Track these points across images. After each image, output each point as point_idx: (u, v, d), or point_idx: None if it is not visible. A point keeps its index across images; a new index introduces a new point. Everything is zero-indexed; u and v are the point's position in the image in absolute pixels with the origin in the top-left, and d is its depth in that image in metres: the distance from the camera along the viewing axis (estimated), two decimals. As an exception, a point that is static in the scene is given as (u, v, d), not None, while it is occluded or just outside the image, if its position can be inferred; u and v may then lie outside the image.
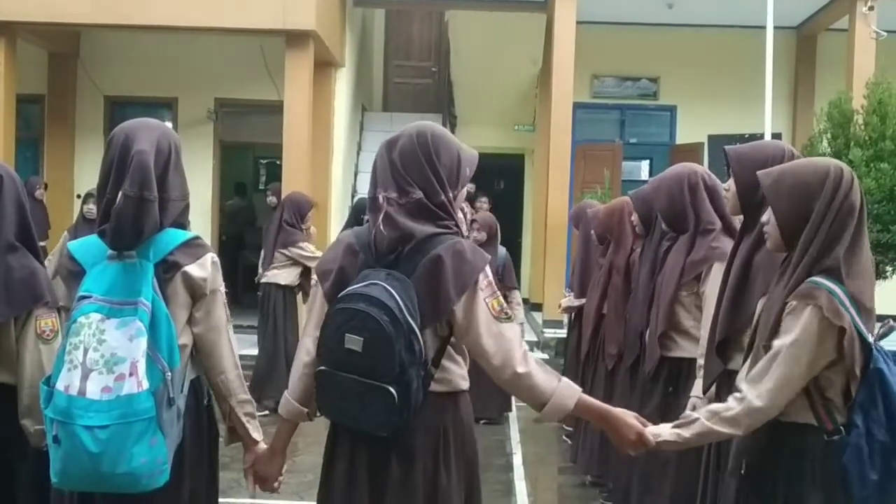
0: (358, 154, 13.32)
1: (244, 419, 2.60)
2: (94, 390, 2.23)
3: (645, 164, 14.39)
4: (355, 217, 7.88)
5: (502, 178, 15.57)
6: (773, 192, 2.42)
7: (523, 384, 2.32)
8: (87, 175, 11.96)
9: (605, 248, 5.48)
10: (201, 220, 11.24)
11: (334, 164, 11.81)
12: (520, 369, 2.31)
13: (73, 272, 2.45)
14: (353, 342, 2.24)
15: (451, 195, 2.40)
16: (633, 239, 4.93)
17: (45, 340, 2.61)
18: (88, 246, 2.47)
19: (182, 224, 2.54)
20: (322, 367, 2.35)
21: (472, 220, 7.20)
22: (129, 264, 2.37)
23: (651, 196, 4.01)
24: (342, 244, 2.48)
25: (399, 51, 15.81)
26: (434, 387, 2.36)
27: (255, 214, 13.58)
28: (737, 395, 2.36)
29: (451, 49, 15.00)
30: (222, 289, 2.55)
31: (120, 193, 2.37)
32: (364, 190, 12.27)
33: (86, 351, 2.25)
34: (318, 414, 2.51)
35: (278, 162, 11.01)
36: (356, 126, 13.38)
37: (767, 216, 2.50)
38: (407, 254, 2.33)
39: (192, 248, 2.49)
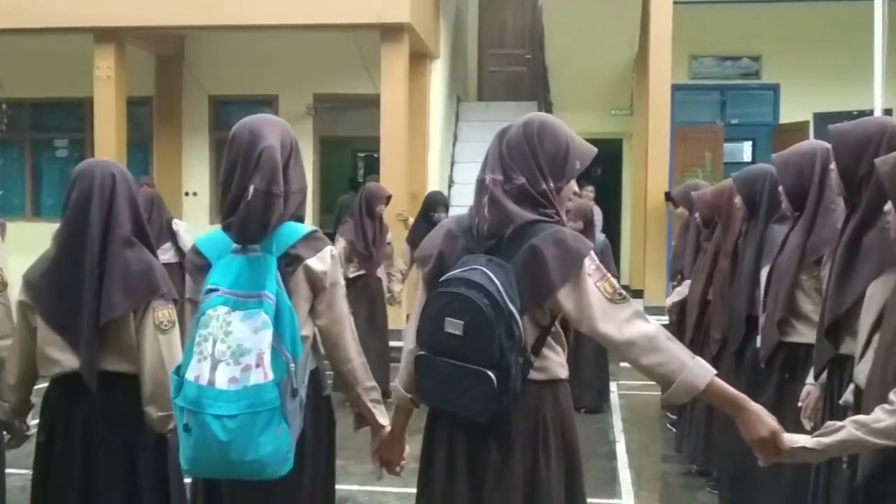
0: (454, 144, 13.37)
1: (370, 405, 2.64)
2: (222, 381, 2.29)
3: (747, 146, 14.03)
4: (424, 211, 7.97)
5: (599, 164, 15.38)
6: (890, 181, 2.32)
7: (652, 360, 2.26)
8: (194, 173, 12.38)
9: (709, 232, 5.37)
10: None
11: (430, 155, 11.89)
12: (645, 346, 2.25)
13: (199, 266, 2.51)
14: (454, 326, 2.25)
15: (552, 185, 2.40)
16: (741, 222, 4.82)
17: (163, 331, 2.73)
18: (214, 240, 2.54)
19: (300, 217, 2.58)
20: (421, 352, 2.37)
21: (566, 210, 7.14)
22: (254, 258, 2.42)
23: (779, 170, 3.86)
24: (442, 229, 2.51)
25: (493, 39, 15.76)
26: (533, 375, 2.36)
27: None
28: (886, 406, 2.20)
29: (545, 35, 14.88)
30: (342, 281, 2.59)
31: (251, 188, 2.42)
32: (460, 180, 12.38)
33: (214, 342, 2.31)
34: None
35: (375, 155, 11.15)
36: (451, 117, 13.43)
37: (889, 206, 2.40)
38: (507, 239, 2.34)
39: (313, 241, 2.53)
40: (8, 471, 3.23)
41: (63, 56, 11.20)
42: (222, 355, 2.30)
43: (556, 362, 2.44)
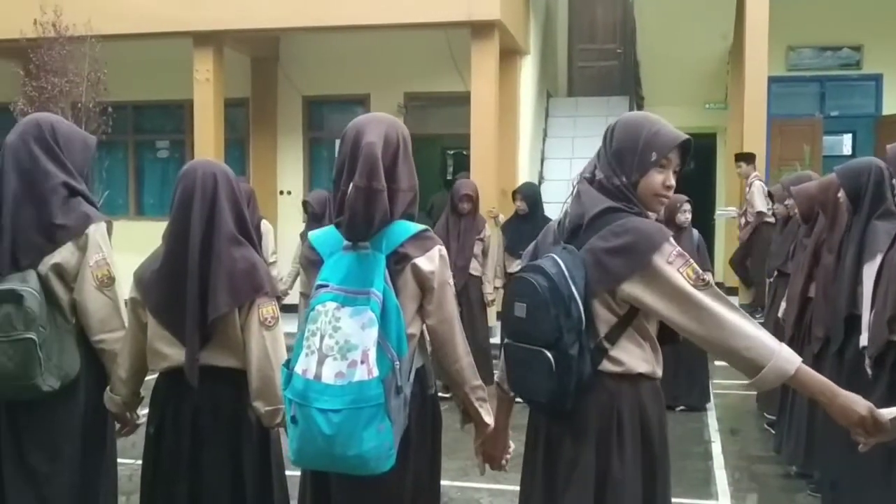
0: (544, 141, 13.32)
1: (477, 404, 2.66)
2: (328, 375, 2.33)
3: (847, 138, 13.57)
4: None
5: (693, 159, 15.07)
6: None
7: (739, 345, 2.22)
8: (289, 172, 12.64)
9: (809, 228, 5.23)
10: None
11: (521, 151, 11.87)
12: (732, 331, 2.23)
13: (313, 261, 2.57)
14: (519, 309, 2.35)
15: (624, 180, 2.40)
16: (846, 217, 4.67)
17: (268, 327, 2.79)
18: (327, 236, 2.59)
19: (411, 215, 2.60)
20: (506, 341, 2.46)
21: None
22: (363, 255, 2.46)
23: (891, 163, 3.71)
24: (550, 227, 2.60)
25: (583, 34, 15.64)
26: (607, 366, 2.35)
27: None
28: None
29: (636, 29, 14.70)
30: (451, 281, 2.60)
31: (350, 185, 2.47)
32: (550, 176, 12.33)
33: (322, 337, 2.36)
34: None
35: (465, 152, 11.18)
36: (542, 113, 13.38)
37: None
38: (585, 229, 2.38)
39: (422, 240, 2.54)
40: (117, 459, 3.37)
41: (164, 60, 11.57)
42: (330, 350, 2.35)
43: (638, 356, 2.40)
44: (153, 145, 13.45)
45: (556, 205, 2.70)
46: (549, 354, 2.26)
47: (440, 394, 2.76)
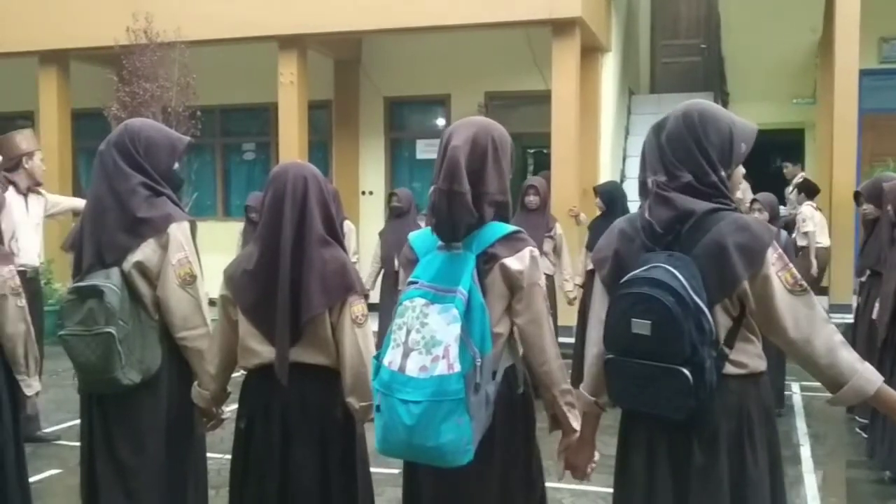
0: (626, 138, 13.18)
1: (565, 408, 2.65)
2: (412, 368, 2.39)
3: (945, 133, 13.06)
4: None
5: (780, 156, 14.75)
6: None
7: (823, 361, 2.22)
8: (371, 173, 12.79)
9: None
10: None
11: (602, 149, 11.77)
12: (819, 344, 2.22)
13: (410, 260, 2.66)
14: (641, 326, 2.24)
15: (722, 174, 2.36)
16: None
17: (359, 325, 2.86)
18: (424, 237, 2.67)
19: (505, 218, 2.62)
20: (610, 356, 2.37)
21: (753, 200, 6.92)
22: (455, 255, 2.52)
23: None
24: (615, 230, 2.51)
25: (666, 30, 15.41)
26: (731, 369, 2.32)
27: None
28: None
29: (721, 23, 14.42)
30: (542, 282, 2.61)
31: (432, 188, 2.54)
32: (632, 174, 12.18)
33: (408, 332, 2.43)
34: (611, 405, 2.54)
35: (545, 151, 11.15)
36: (623, 110, 13.24)
37: None
38: (686, 232, 2.31)
39: (513, 241, 2.56)
40: None
41: (250, 64, 11.85)
42: (416, 344, 2.41)
43: (754, 354, 2.38)
44: (239, 148, 13.76)
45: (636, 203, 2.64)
46: (685, 371, 2.21)
47: None
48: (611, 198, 7.80)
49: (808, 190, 10.02)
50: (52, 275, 9.81)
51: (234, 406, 3.10)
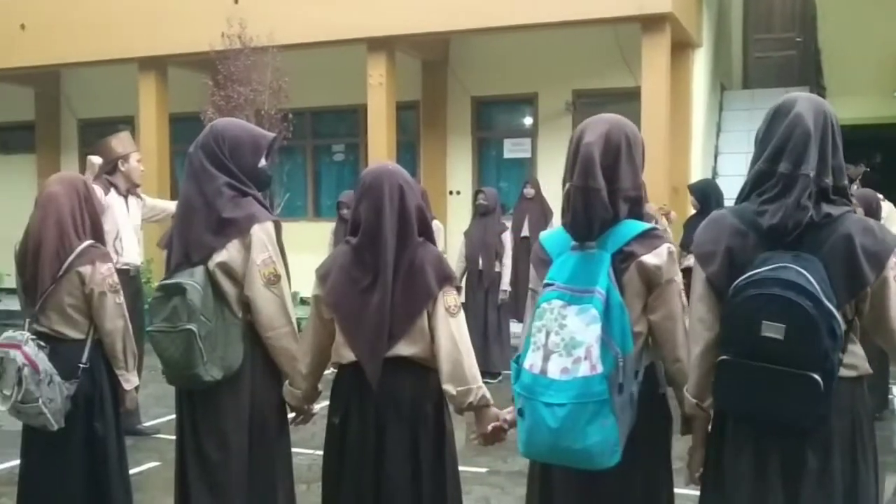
0: (717, 136, 12.91)
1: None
2: (554, 371, 2.38)
3: None
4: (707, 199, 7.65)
5: (880, 151, 14.23)
6: None
7: None
8: (458, 172, 12.83)
9: None
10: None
11: (693, 147, 11.56)
12: None
13: (542, 260, 2.64)
14: (773, 329, 2.16)
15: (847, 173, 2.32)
16: None
17: (452, 314, 2.91)
18: (556, 237, 2.65)
19: (639, 214, 2.60)
20: (726, 357, 2.30)
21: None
22: (589, 254, 2.49)
23: None
24: (723, 225, 2.42)
25: (759, 23, 15.04)
26: (843, 372, 2.27)
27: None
28: None
29: (817, 15, 13.98)
30: (679, 279, 2.57)
31: (567, 185, 2.53)
32: (725, 171, 11.93)
33: (548, 334, 2.42)
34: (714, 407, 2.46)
35: (636, 149, 10.99)
36: (715, 106, 12.97)
37: None
38: (810, 232, 2.26)
39: (649, 238, 2.52)
40: (295, 450, 3.48)
41: (339, 66, 12.01)
42: (556, 347, 2.40)
43: (861, 356, 2.35)
44: (329, 149, 13.96)
45: (732, 202, 2.56)
46: (817, 378, 2.15)
47: None
48: (705, 195, 7.67)
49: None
50: (152, 273, 10.14)
51: (325, 403, 3.15)
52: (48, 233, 3.58)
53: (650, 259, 2.49)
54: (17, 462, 3.83)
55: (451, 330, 2.88)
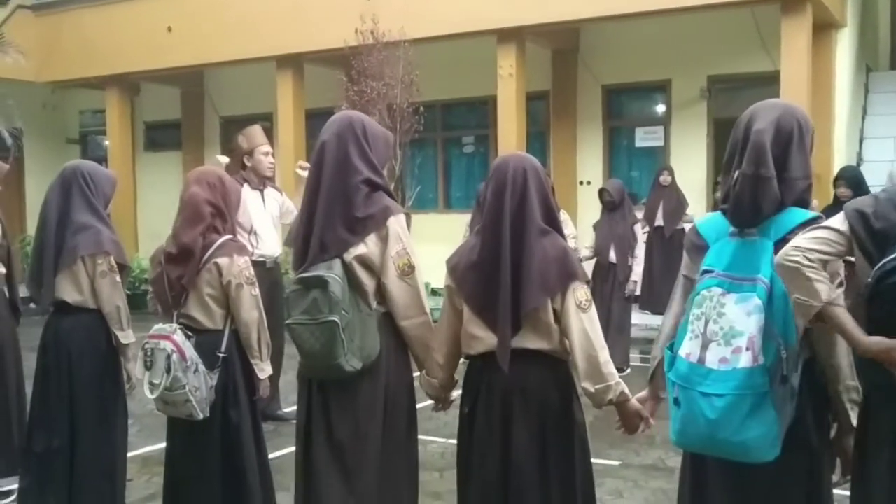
0: (863, 119, 12.30)
1: (848, 405, 2.52)
2: (712, 360, 2.35)
3: None
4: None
5: None
6: None
7: None
8: (588, 162, 12.70)
9: None
10: (696, 200, 11.29)
11: (836, 131, 11.06)
12: None
13: (698, 246, 2.62)
14: None
15: None
16: None
17: (584, 309, 2.88)
18: (713, 222, 2.61)
19: (805, 202, 2.53)
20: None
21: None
22: (750, 241, 2.45)
23: None
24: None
25: (910, 0, 14.22)
26: None
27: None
28: None
29: (975, -11, 13.14)
30: (841, 271, 2.47)
31: (737, 172, 2.48)
32: (871, 157, 11.37)
33: (706, 322, 2.39)
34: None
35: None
36: (860, 89, 12.37)
37: None
38: None
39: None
40: (428, 438, 3.51)
41: (469, 58, 12.08)
42: (714, 335, 2.37)
43: None
44: (459, 141, 14.06)
45: (878, 188, 2.45)
46: None
47: None
48: (858, 182, 7.39)
49: None
50: (290, 265, 10.46)
51: (459, 392, 3.20)
52: (190, 232, 3.76)
53: None
54: (164, 445, 4.04)
55: (583, 326, 2.85)
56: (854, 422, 2.49)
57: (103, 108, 15.10)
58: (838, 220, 2.34)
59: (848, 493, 2.52)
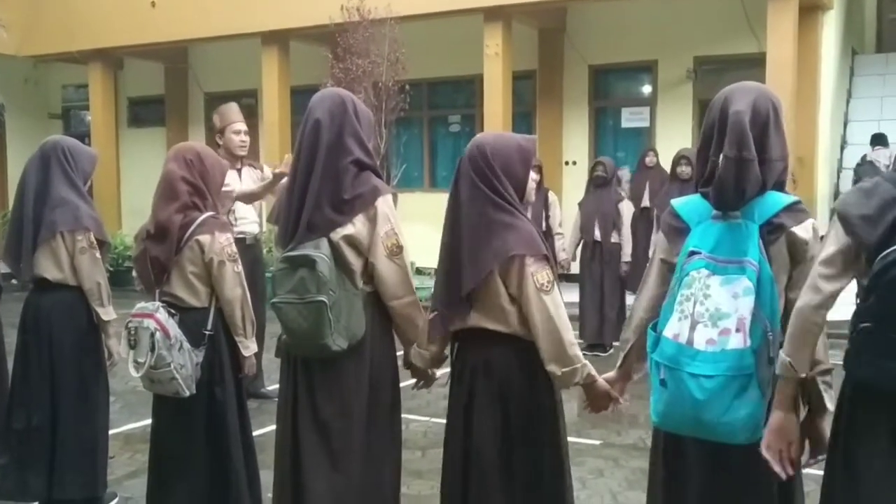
0: (847, 102, 12.35)
1: (822, 387, 2.49)
2: (699, 341, 2.36)
3: None
4: None
5: None
6: None
7: None
8: (574, 142, 12.70)
9: None
10: (682, 181, 11.31)
11: (821, 113, 11.10)
12: None
13: (677, 228, 2.59)
14: None
15: None
16: None
17: (546, 291, 2.84)
18: (693, 205, 2.59)
19: (783, 183, 2.54)
20: (868, 325, 2.20)
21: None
22: (734, 224, 2.44)
23: None
24: (886, 197, 2.26)
25: (896, -17, 14.26)
26: None
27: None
28: None
29: (961, -27, 13.18)
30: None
31: (721, 156, 2.46)
32: (854, 140, 11.42)
33: (695, 303, 2.39)
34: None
35: (760, 116, 10.62)
36: (845, 72, 12.40)
37: None
38: None
39: (796, 212, 2.47)
40: (411, 417, 3.51)
41: (455, 37, 12.03)
42: (700, 317, 2.37)
43: None
44: (445, 120, 14.05)
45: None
46: None
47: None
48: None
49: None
50: (272, 243, 10.43)
51: (447, 370, 3.20)
52: (166, 209, 3.73)
53: (800, 232, 2.43)
54: (149, 421, 4.04)
55: (545, 308, 2.81)
56: (829, 405, 2.48)
57: (86, 84, 14.99)
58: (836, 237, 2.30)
59: (818, 472, 2.54)
